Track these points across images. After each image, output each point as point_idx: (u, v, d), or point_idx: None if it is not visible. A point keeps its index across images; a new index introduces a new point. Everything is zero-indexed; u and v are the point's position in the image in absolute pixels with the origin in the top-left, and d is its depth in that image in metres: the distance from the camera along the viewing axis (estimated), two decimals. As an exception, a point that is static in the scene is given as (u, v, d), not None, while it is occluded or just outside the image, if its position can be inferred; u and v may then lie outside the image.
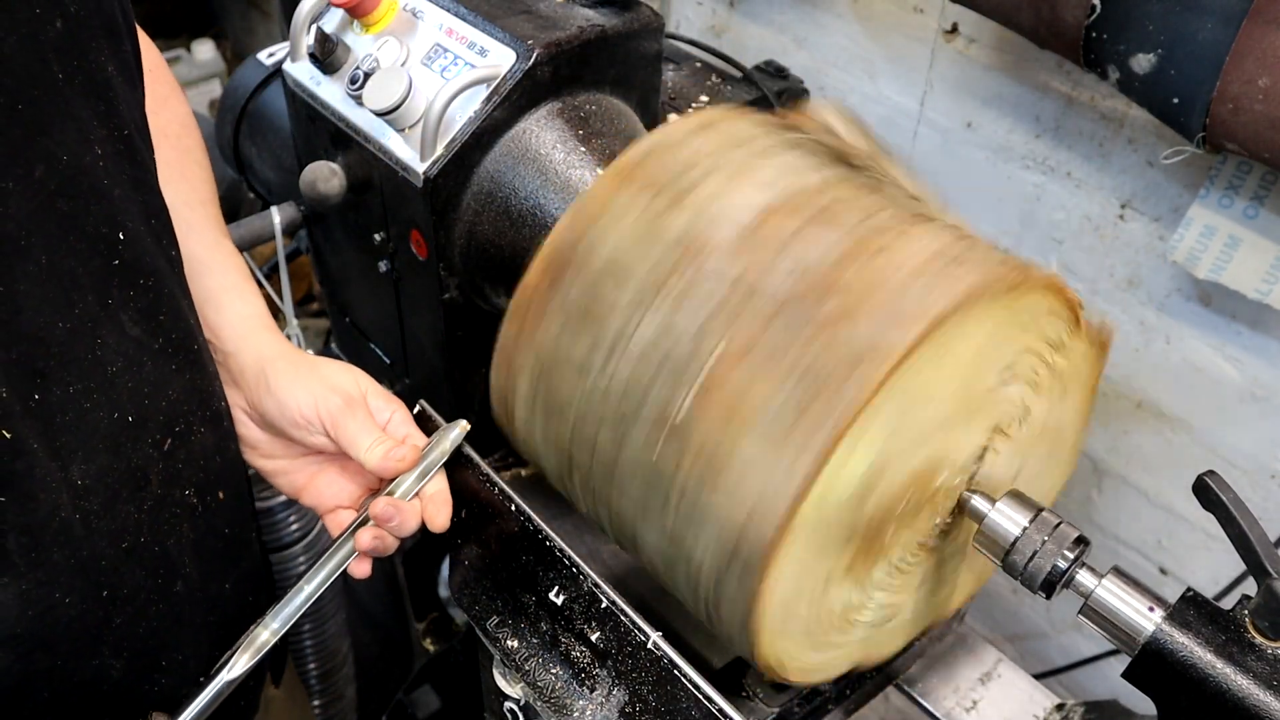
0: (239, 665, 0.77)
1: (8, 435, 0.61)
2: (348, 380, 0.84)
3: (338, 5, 1.06)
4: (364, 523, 0.82)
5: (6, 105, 0.59)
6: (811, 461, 0.68)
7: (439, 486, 0.84)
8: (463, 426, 0.85)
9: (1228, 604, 0.72)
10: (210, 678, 0.77)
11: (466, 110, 0.98)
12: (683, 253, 0.77)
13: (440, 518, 0.83)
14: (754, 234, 0.76)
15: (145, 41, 0.84)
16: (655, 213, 0.79)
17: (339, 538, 0.83)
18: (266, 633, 0.79)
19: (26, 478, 0.63)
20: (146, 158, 0.73)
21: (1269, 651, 0.69)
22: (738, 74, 1.39)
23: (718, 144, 0.82)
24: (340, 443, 0.81)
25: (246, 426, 0.86)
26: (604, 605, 0.77)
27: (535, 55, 0.98)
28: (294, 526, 1.29)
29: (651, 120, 1.11)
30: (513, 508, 0.82)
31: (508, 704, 0.86)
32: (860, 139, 0.88)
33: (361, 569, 0.83)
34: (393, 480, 0.82)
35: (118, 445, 0.69)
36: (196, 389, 0.77)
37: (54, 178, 0.62)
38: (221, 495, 0.81)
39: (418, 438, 0.84)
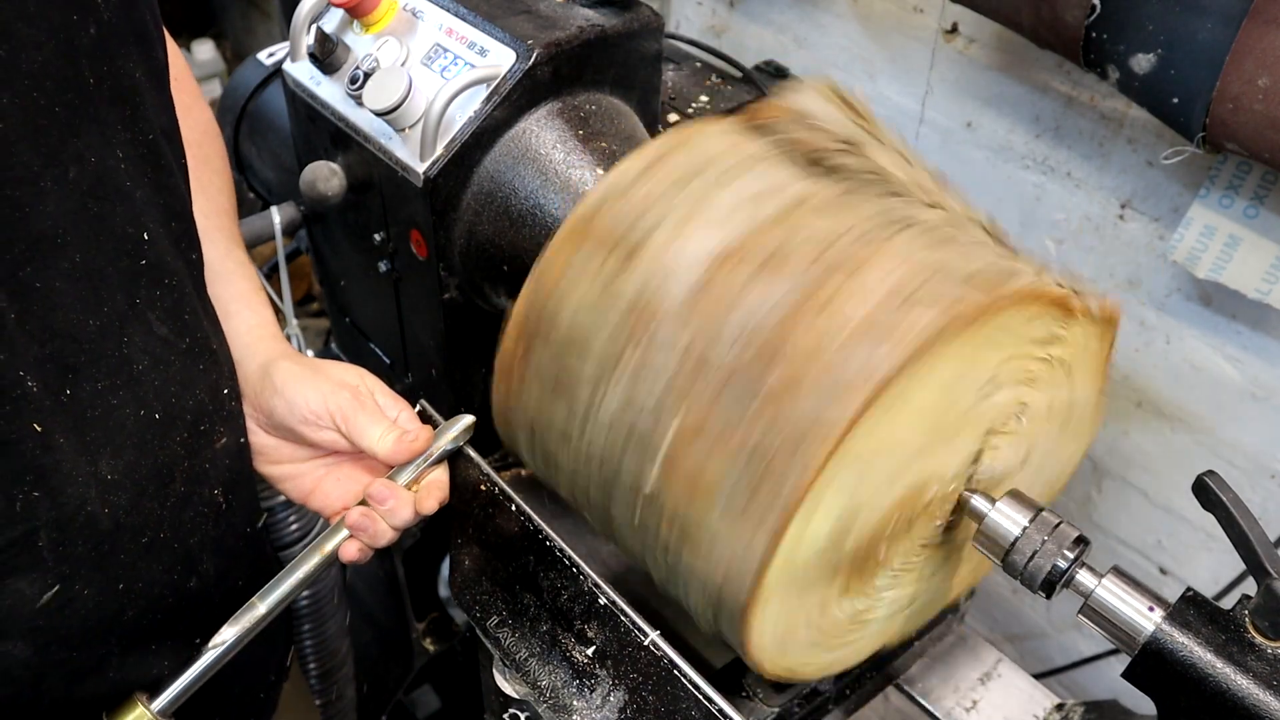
0: (223, 633, 0.77)
1: (38, 429, 0.63)
2: (354, 377, 0.85)
3: (338, 5, 1.06)
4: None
5: (46, 108, 0.61)
6: (768, 538, 0.69)
7: (439, 475, 0.84)
8: (469, 420, 0.84)
9: (1228, 604, 0.72)
10: (197, 655, 0.77)
11: (466, 110, 0.98)
12: (635, 322, 0.76)
13: (430, 500, 0.82)
14: (702, 293, 0.74)
15: (173, 49, 0.85)
16: (608, 277, 0.78)
17: (333, 525, 0.83)
18: (254, 613, 0.78)
19: (54, 472, 0.64)
20: (172, 162, 0.74)
21: (1269, 651, 0.69)
22: (738, 74, 1.39)
23: (670, 182, 0.79)
24: (351, 436, 0.81)
25: (254, 433, 0.86)
26: (604, 605, 0.77)
27: (535, 55, 0.98)
28: (294, 526, 1.29)
29: (651, 120, 1.11)
30: (513, 507, 0.82)
31: (510, 710, 0.86)
32: (852, 117, 0.85)
33: (350, 552, 0.81)
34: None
35: (144, 442, 0.70)
36: (219, 389, 0.78)
37: (85, 179, 0.64)
38: (244, 494, 0.82)
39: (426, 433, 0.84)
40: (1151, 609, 0.73)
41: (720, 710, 0.70)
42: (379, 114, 1.02)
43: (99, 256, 0.66)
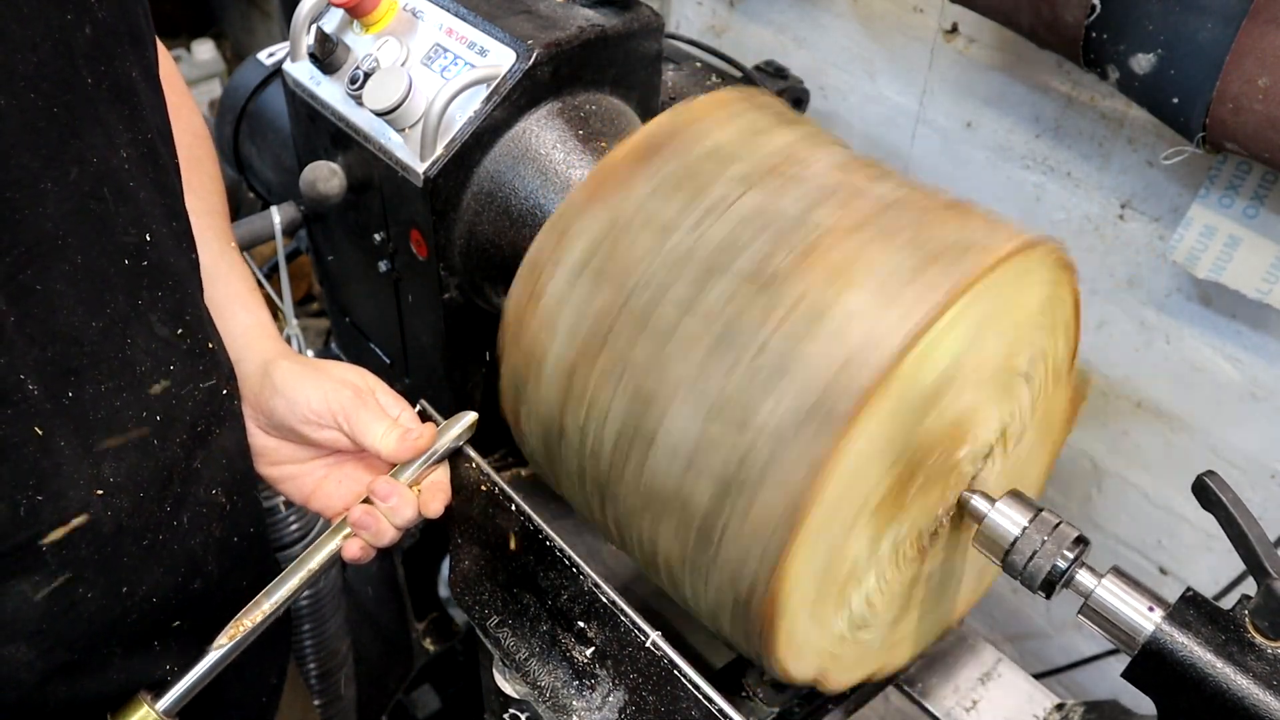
0: (227, 633, 0.77)
1: (39, 432, 0.63)
2: (355, 376, 0.84)
3: (338, 5, 1.06)
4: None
5: (44, 108, 0.61)
6: (925, 314, 0.70)
7: (440, 476, 0.84)
8: (472, 417, 0.84)
9: (1228, 604, 0.72)
10: (201, 655, 0.77)
11: (466, 110, 0.98)
12: (788, 157, 0.82)
13: (435, 503, 0.82)
14: (847, 163, 0.83)
15: (161, 51, 0.85)
16: (759, 128, 0.85)
17: (335, 524, 0.82)
18: (258, 611, 0.78)
19: (56, 476, 0.64)
20: (169, 161, 0.74)
21: (1269, 651, 0.69)
22: (738, 74, 1.39)
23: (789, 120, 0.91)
24: (354, 434, 0.81)
25: (253, 434, 0.85)
26: (604, 605, 0.77)
27: (535, 55, 0.98)
28: (294, 526, 1.29)
29: (651, 120, 1.11)
30: (513, 507, 0.82)
31: (510, 710, 0.85)
32: None
33: (352, 550, 0.81)
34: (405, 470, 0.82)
35: (146, 444, 0.70)
36: (220, 389, 0.78)
37: (87, 180, 0.64)
38: (248, 495, 0.81)
39: (429, 431, 0.84)
40: (1151, 609, 0.73)
41: (720, 710, 0.70)
42: (379, 114, 1.02)
43: (100, 258, 0.65)
